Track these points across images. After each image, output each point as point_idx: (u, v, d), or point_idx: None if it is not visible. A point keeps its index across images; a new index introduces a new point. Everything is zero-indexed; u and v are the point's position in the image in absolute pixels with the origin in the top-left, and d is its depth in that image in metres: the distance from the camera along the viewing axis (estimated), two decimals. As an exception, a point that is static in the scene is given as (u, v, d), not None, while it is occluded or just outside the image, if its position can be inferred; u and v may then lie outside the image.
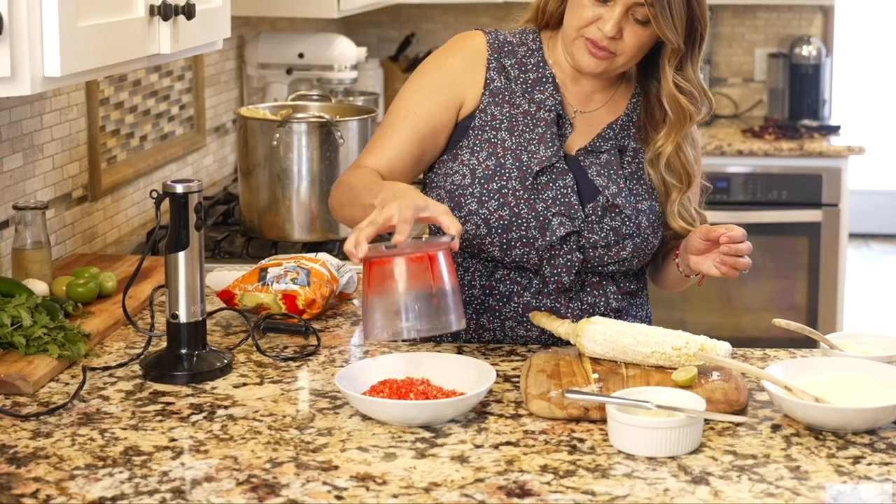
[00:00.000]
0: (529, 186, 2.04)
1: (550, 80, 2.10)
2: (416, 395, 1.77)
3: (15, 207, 2.33)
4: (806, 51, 4.86)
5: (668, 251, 2.18)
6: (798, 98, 4.87)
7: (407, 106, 2.08)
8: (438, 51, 2.15)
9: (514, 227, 2.04)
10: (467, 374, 1.82)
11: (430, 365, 1.86)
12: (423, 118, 2.07)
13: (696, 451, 1.63)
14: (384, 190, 1.86)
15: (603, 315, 2.08)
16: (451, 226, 1.79)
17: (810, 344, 2.06)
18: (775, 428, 1.72)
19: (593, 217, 2.05)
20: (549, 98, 2.09)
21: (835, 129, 4.71)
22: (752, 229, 4.51)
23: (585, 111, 2.12)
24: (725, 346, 1.88)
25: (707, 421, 1.71)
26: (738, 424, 1.72)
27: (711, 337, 1.90)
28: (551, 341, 2.10)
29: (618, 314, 2.11)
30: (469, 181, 2.05)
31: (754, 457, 1.62)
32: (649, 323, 2.19)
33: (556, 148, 2.06)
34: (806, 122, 4.82)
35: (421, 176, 2.15)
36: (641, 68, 2.12)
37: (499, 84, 2.09)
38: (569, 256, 2.04)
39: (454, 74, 2.09)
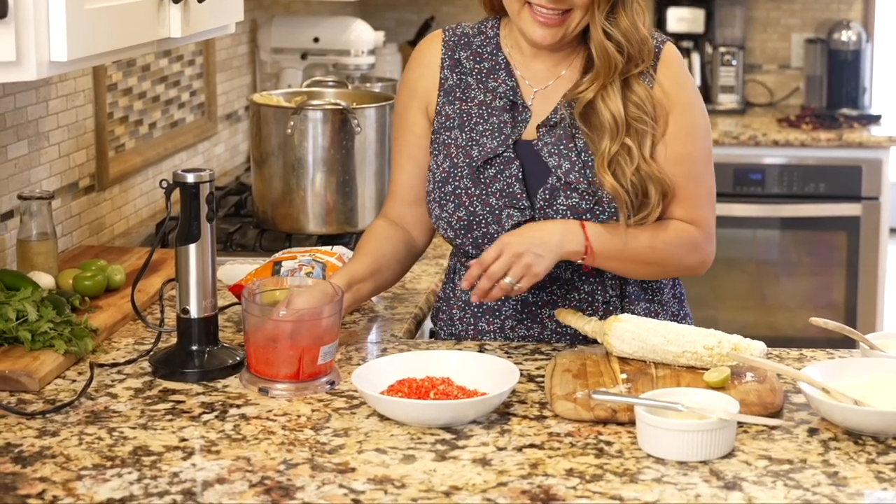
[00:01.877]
0: (479, 182, 2.07)
1: (503, 67, 2.12)
2: (436, 394, 1.77)
3: (20, 197, 2.35)
4: (845, 36, 4.83)
5: None
6: (837, 86, 4.85)
7: (396, 137, 2.21)
8: (405, 67, 2.24)
9: (475, 226, 2.07)
10: (490, 374, 1.82)
11: (452, 364, 1.86)
12: (409, 141, 2.17)
13: (728, 456, 1.63)
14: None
15: (606, 303, 2.09)
16: None
17: (849, 344, 2.06)
18: (812, 432, 1.72)
19: (542, 201, 2.05)
20: (502, 85, 2.11)
21: (875, 119, 4.69)
22: (788, 223, 4.53)
23: (544, 88, 2.11)
24: (760, 346, 1.88)
25: (740, 424, 1.71)
26: (773, 428, 1.72)
27: (745, 336, 1.90)
28: (560, 339, 2.10)
29: (625, 300, 2.11)
30: (431, 187, 2.12)
31: (790, 462, 1.62)
32: (680, 307, 2.20)
33: (503, 137, 2.08)
34: (845, 110, 4.79)
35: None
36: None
37: (452, 81, 2.14)
38: None
39: (412, 86, 2.18)
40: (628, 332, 1.91)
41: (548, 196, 2.05)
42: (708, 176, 2.11)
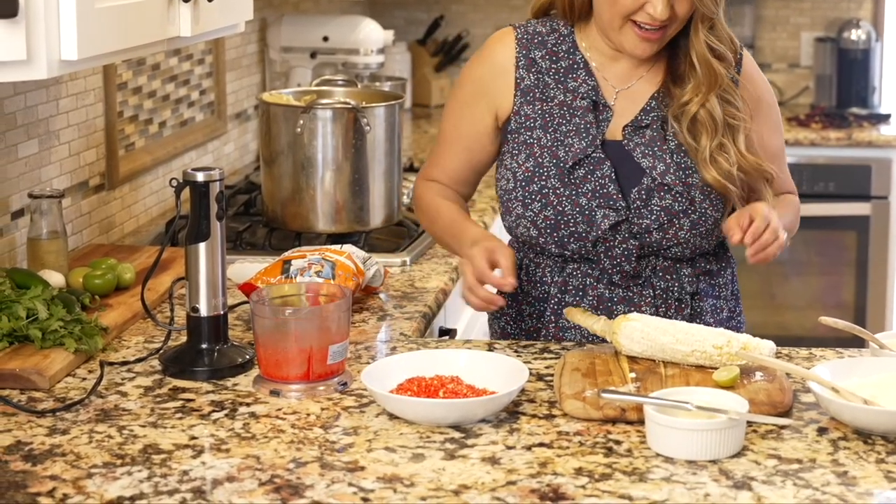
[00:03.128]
0: (568, 182, 2.08)
1: (583, 66, 2.12)
2: (445, 393, 1.77)
3: (30, 196, 2.35)
4: (855, 35, 4.82)
5: None
6: (846, 85, 4.84)
7: (451, 121, 2.23)
8: (471, 59, 2.25)
9: (562, 225, 2.08)
10: (499, 373, 1.82)
11: (461, 363, 1.86)
12: (465, 132, 2.20)
13: (738, 455, 1.63)
14: (462, 245, 2.10)
15: (678, 299, 2.10)
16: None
17: (858, 343, 2.06)
18: (821, 431, 1.71)
19: (638, 202, 2.07)
20: (583, 85, 2.11)
21: (885, 118, 4.68)
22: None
23: (627, 88, 2.12)
24: (769, 345, 1.87)
25: (750, 423, 1.71)
26: (783, 427, 1.72)
27: (754, 336, 1.90)
28: None
29: (695, 297, 2.13)
30: (512, 185, 2.12)
31: (799, 461, 1.62)
32: (737, 303, 2.24)
33: (591, 137, 2.08)
34: (854, 110, 4.78)
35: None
36: None
37: (529, 81, 2.14)
38: (624, 245, 2.08)
39: (483, 84, 2.18)
40: (637, 332, 1.91)
41: (644, 196, 2.07)
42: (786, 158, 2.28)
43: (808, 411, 1.78)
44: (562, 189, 2.08)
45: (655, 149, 2.09)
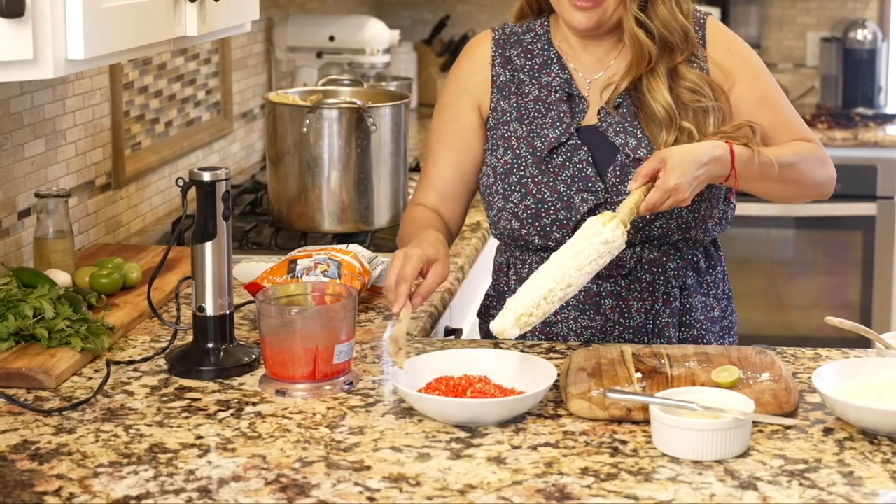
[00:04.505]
0: (546, 170, 2.09)
1: (556, 60, 2.15)
2: (473, 393, 1.77)
3: (37, 195, 2.35)
4: (861, 35, 4.82)
5: None
6: (852, 85, 4.84)
7: (437, 128, 2.22)
8: (454, 64, 2.27)
9: (543, 213, 2.09)
10: (527, 373, 1.82)
11: (489, 362, 1.86)
12: (449, 131, 2.19)
13: (743, 455, 1.63)
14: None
15: (666, 293, 2.11)
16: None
17: (864, 344, 2.05)
18: (827, 431, 1.71)
19: (613, 179, 2.07)
20: (556, 78, 2.14)
21: (891, 118, 4.67)
22: (803, 223, 4.52)
23: (597, 77, 2.14)
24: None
25: (755, 423, 1.71)
26: (789, 427, 1.72)
27: (759, 336, 1.89)
28: (624, 331, 2.12)
29: (683, 292, 2.12)
30: (492, 180, 2.14)
31: (805, 461, 1.62)
32: (728, 302, 2.22)
33: (565, 125, 2.10)
34: (860, 110, 4.78)
35: None
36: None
37: (505, 78, 2.17)
38: None
39: (463, 81, 2.21)
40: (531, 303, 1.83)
41: (619, 173, 2.08)
42: (794, 109, 2.18)
43: (814, 411, 1.78)
44: (540, 177, 2.09)
45: (626, 125, 2.09)
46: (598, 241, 1.85)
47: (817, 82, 5.04)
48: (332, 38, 3.92)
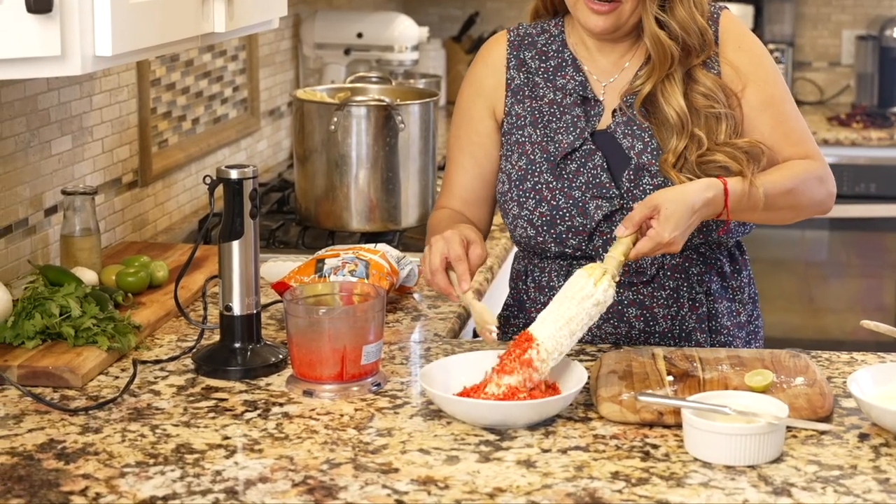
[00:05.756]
0: (561, 176, 2.08)
1: (570, 63, 2.14)
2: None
3: (64, 192, 2.37)
4: (897, 33, 4.79)
5: None
6: (889, 84, 4.80)
7: (455, 132, 2.21)
8: (470, 65, 2.25)
9: (559, 220, 2.07)
10: (558, 374, 1.82)
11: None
12: (472, 140, 2.18)
13: (777, 461, 1.62)
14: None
15: (692, 299, 2.10)
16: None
17: (901, 348, 2.04)
18: (863, 437, 1.70)
19: (628, 184, 2.05)
20: (570, 81, 2.13)
21: (928, 118, 4.64)
22: (837, 224, 4.49)
23: (612, 80, 2.12)
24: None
25: (789, 428, 1.70)
26: (823, 433, 1.71)
27: (792, 340, 1.88)
28: (648, 339, 2.11)
29: (709, 298, 2.11)
30: (507, 186, 2.13)
31: (840, 467, 1.61)
32: (754, 307, 2.19)
33: (579, 130, 2.08)
34: (896, 109, 4.75)
35: None
36: None
37: (519, 81, 2.16)
38: None
39: (478, 84, 2.20)
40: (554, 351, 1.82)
41: (633, 178, 2.06)
42: (800, 117, 2.14)
43: (849, 416, 1.77)
44: (555, 183, 2.08)
45: (634, 128, 2.07)
46: (589, 303, 1.81)
47: (853, 81, 5.01)
48: (360, 35, 3.93)
